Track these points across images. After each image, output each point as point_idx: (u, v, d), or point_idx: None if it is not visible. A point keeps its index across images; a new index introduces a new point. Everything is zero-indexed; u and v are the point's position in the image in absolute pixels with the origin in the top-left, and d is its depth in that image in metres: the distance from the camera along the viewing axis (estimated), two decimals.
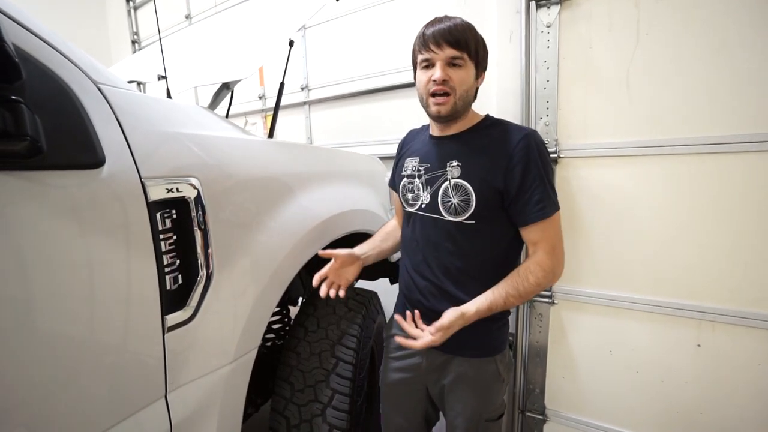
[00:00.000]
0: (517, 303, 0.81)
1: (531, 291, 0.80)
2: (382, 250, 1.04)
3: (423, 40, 0.81)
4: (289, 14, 1.30)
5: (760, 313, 1.03)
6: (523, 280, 0.80)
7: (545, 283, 0.81)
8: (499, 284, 0.81)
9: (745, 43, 0.98)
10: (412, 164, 0.95)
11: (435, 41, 0.79)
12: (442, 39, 0.78)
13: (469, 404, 0.90)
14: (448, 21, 0.80)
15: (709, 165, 1.05)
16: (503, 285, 0.81)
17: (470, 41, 0.80)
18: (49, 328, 0.49)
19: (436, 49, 0.79)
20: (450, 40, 0.78)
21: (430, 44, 0.79)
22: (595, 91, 1.17)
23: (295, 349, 1.07)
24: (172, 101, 0.81)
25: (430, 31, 0.80)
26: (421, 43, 0.82)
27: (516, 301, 0.80)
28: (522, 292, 0.79)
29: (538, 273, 0.80)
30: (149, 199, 0.60)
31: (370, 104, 2.22)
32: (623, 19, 1.11)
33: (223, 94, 1.21)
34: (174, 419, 0.65)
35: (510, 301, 0.80)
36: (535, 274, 0.80)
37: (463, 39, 0.79)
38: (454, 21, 0.80)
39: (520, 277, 0.80)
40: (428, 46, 0.80)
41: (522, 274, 0.81)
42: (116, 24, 3.54)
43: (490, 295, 0.80)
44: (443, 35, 0.78)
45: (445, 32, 0.78)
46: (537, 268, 0.80)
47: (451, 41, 0.78)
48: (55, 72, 0.52)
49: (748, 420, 1.08)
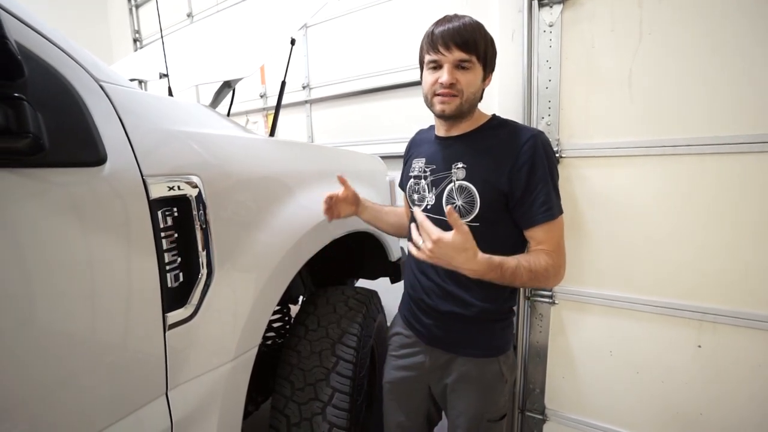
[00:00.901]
0: (525, 278, 0.75)
1: (540, 273, 0.76)
2: (379, 218, 1.08)
3: (431, 40, 0.79)
4: (291, 13, 1.30)
5: (760, 314, 1.03)
6: (536, 260, 0.77)
7: (552, 273, 0.78)
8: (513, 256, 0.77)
9: (747, 44, 0.98)
10: (419, 165, 0.95)
11: (444, 43, 0.77)
12: (450, 41, 0.76)
13: (471, 404, 0.90)
14: (458, 21, 0.78)
15: (710, 165, 1.05)
16: (517, 256, 0.77)
17: (479, 42, 0.78)
18: (50, 325, 0.49)
19: (444, 51, 0.77)
20: (459, 42, 0.76)
21: (438, 45, 0.78)
22: (597, 90, 1.17)
23: (296, 347, 1.07)
24: (174, 99, 0.81)
25: (438, 30, 0.78)
26: (429, 43, 0.80)
27: (525, 275, 0.75)
28: (534, 268, 0.75)
29: (548, 261, 0.78)
30: (151, 197, 0.60)
31: (371, 103, 2.22)
32: (626, 19, 1.10)
33: (224, 93, 1.21)
34: (175, 417, 0.65)
35: (520, 272, 0.74)
36: (546, 261, 0.78)
37: (472, 40, 0.77)
38: (464, 21, 0.78)
39: (531, 256, 0.78)
40: (436, 47, 0.78)
41: (533, 255, 0.78)
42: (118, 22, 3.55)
43: (505, 257, 0.74)
44: (452, 36, 0.76)
45: (454, 33, 0.77)
46: (547, 257, 0.78)
47: (460, 43, 0.76)
48: (58, 69, 0.52)
49: (747, 420, 1.08)
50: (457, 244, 0.66)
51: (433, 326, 0.93)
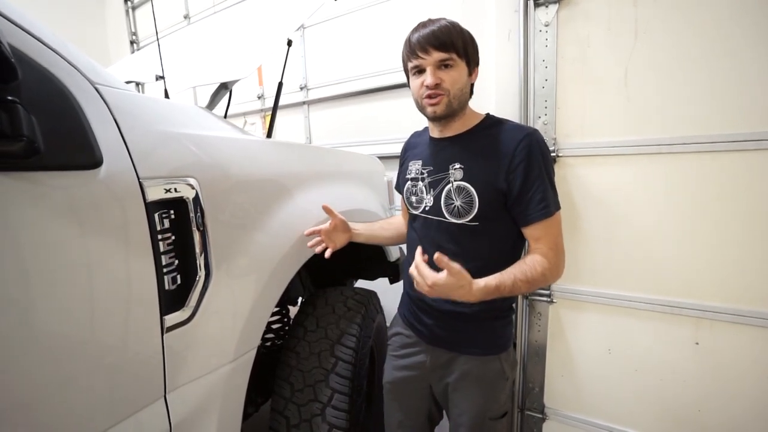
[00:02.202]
0: (524, 289, 0.79)
1: (538, 280, 0.79)
2: (374, 235, 1.09)
3: (410, 47, 0.82)
4: (288, 14, 1.30)
5: (758, 311, 1.03)
6: (531, 268, 0.79)
7: (549, 276, 0.81)
8: (507, 269, 0.80)
9: (744, 41, 0.98)
10: (416, 167, 0.95)
11: (421, 47, 0.79)
12: (427, 44, 0.79)
13: (474, 402, 0.90)
14: (432, 24, 0.80)
15: (707, 163, 1.05)
16: (512, 269, 0.79)
17: (456, 40, 0.79)
18: (48, 328, 0.49)
19: (423, 55, 0.79)
20: (435, 44, 0.78)
21: (417, 50, 0.80)
22: (594, 90, 1.17)
23: (295, 348, 1.07)
24: (170, 101, 0.81)
25: (415, 37, 0.81)
26: (408, 51, 0.83)
27: (523, 286, 0.78)
28: (530, 278, 0.78)
29: (544, 264, 0.80)
30: (147, 200, 0.60)
31: (369, 104, 2.22)
32: (621, 18, 1.11)
33: (221, 94, 1.21)
34: (173, 419, 0.65)
35: (518, 285, 0.77)
36: (542, 265, 0.79)
37: (449, 40, 0.79)
38: (438, 23, 0.80)
39: (527, 265, 0.80)
40: (416, 52, 0.80)
41: (529, 263, 0.80)
42: (114, 24, 3.54)
43: (499, 276, 0.77)
44: (428, 40, 0.79)
45: (429, 37, 0.79)
46: (543, 260, 0.80)
47: (437, 45, 0.78)
48: (52, 72, 0.52)
49: (746, 418, 1.09)
50: (451, 284, 0.72)
51: (435, 325, 0.93)
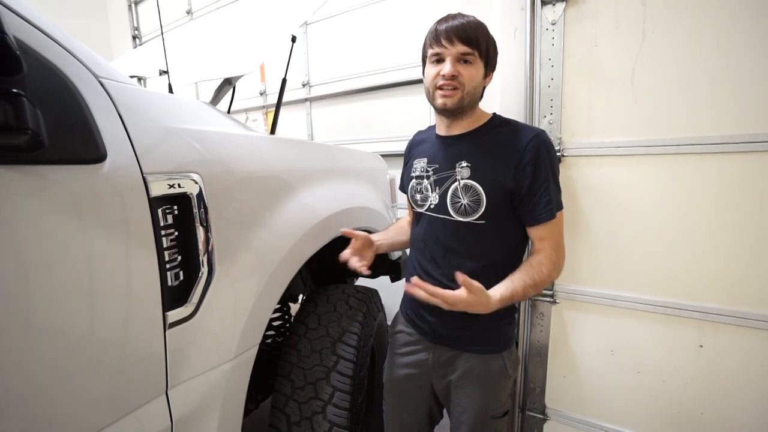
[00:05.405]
0: (532, 293, 0.82)
1: (544, 282, 0.82)
2: (394, 242, 1.08)
3: (435, 35, 0.82)
4: (291, 10, 1.29)
5: (762, 313, 1.03)
6: (538, 271, 0.82)
7: (554, 275, 0.84)
8: (515, 275, 0.82)
9: (751, 43, 0.97)
10: (421, 165, 0.95)
11: (447, 37, 0.80)
12: (454, 35, 0.79)
13: (475, 400, 0.90)
14: (462, 18, 0.81)
15: (712, 165, 1.05)
16: (520, 275, 0.82)
17: (482, 40, 0.81)
18: (50, 324, 0.49)
19: (447, 45, 0.80)
20: (462, 36, 0.79)
21: (441, 39, 0.80)
22: (600, 89, 1.16)
23: (296, 346, 1.06)
24: (174, 96, 0.80)
25: (443, 26, 0.81)
26: (432, 38, 0.83)
27: (532, 291, 0.81)
28: (538, 281, 0.81)
29: (549, 265, 0.83)
30: (151, 195, 0.59)
31: (371, 101, 2.22)
32: (629, 17, 1.10)
33: (224, 90, 1.21)
34: (175, 415, 0.65)
35: (527, 291, 0.80)
36: (547, 267, 0.82)
37: (475, 37, 0.80)
38: (468, 18, 0.81)
39: (534, 269, 0.82)
40: (440, 41, 0.81)
41: (535, 265, 0.83)
42: (117, 19, 3.54)
43: (510, 284, 0.80)
44: (456, 31, 0.79)
45: (458, 29, 0.79)
46: (547, 261, 0.83)
47: (463, 38, 0.79)
48: (57, 65, 0.52)
49: (749, 421, 1.08)
50: (471, 301, 0.74)
51: (438, 324, 0.93)
